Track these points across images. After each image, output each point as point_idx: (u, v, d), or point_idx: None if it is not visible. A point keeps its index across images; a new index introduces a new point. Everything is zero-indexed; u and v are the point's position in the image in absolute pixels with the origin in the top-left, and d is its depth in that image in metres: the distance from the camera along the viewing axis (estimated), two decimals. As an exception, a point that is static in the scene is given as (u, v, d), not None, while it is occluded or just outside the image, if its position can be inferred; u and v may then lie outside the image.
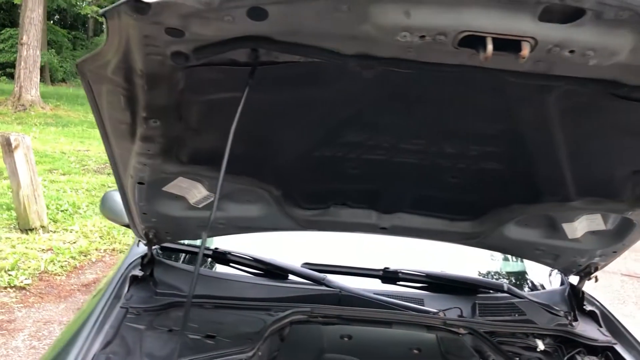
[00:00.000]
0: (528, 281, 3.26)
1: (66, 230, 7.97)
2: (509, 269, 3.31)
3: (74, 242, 7.49)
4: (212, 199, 2.32)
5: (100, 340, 2.19)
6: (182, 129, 1.83)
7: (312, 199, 2.38)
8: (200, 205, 2.35)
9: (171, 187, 2.25)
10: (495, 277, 3.20)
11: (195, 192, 2.29)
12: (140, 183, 2.12)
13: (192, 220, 2.49)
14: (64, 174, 11.56)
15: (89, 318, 2.33)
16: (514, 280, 3.24)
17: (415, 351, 2.35)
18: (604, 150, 1.97)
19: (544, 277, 3.16)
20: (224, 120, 1.60)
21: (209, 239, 2.98)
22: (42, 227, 7.75)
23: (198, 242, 3.04)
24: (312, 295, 2.65)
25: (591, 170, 2.05)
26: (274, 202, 2.32)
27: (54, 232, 7.84)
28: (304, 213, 2.44)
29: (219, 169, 1.58)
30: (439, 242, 2.68)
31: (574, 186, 2.14)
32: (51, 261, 6.71)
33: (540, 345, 2.65)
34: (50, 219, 8.16)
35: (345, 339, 2.39)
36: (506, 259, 3.27)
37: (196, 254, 2.91)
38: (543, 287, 3.13)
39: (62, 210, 8.71)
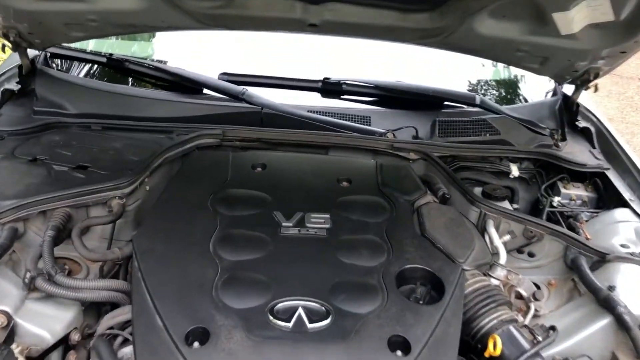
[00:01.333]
0: (510, 92, 2.65)
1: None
2: (486, 78, 2.66)
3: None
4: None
5: None
6: None
7: (203, -18, 1.70)
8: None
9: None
10: (466, 88, 2.57)
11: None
12: None
13: (53, 16, 1.87)
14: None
15: None
16: (491, 91, 2.62)
17: (344, 183, 1.85)
18: None
19: (531, 86, 2.55)
20: None
21: (104, 42, 2.37)
22: None
23: (96, 47, 2.44)
24: (228, 114, 2.10)
25: None
26: None
27: None
28: (200, 4, 1.78)
29: None
30: (391, 42, 2.03)
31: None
32: None
33: (514, 171, 2.15)
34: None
35: (258, 169, 1.89)
36: (482, 65, 2.61)
37: (92, 61, 2.32)
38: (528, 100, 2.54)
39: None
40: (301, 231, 1.61)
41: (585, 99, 2.37)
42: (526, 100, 2.57)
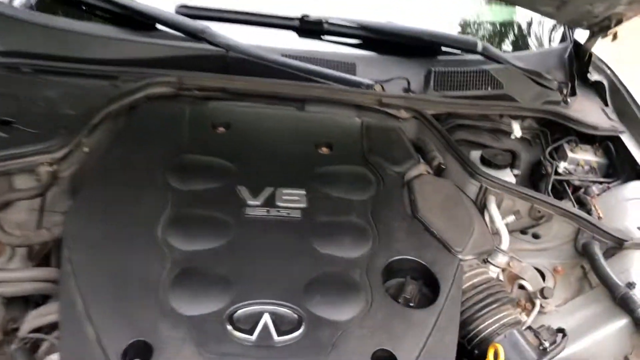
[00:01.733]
0: (513, 38, 2.33)
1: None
2: (488, 19, 2.33)
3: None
4: None
5: None
6: None
7: None
8: None
9: None
10: (466, 32, 2.24)
11: None
12: None
13: None
14: None
15: None
16: (493, 37, 2.30)
17: (323, 149, 1.56)
18: None
19: (537, 32, 2.24)
20: None
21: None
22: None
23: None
24: (186, 56, 1.77)
25: None
26: None
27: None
28: None
29: None
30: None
31: None
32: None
33: (517, 131, 1.88)
34: None
35: (220, 128, 1.58)
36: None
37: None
38: (534, 46, 2.23)
39: None
40: (270, 212, 1.33)
41: (597, 46, 2.07)
42: (527, 47, 2.26)
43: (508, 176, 1.69)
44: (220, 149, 1.49)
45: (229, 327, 1.10)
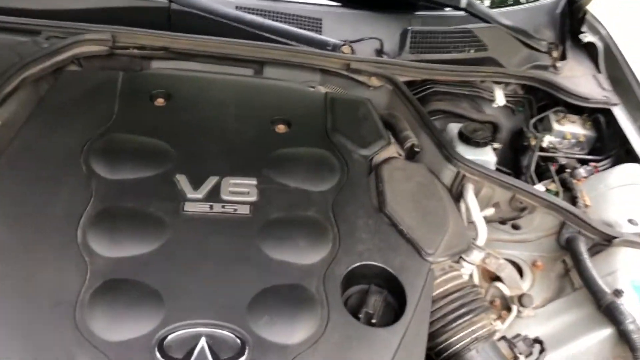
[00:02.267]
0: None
1: None
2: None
3: None
4: None
5: None
6: None
7: None
8: None
9: None
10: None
11: None
12: None
13: None
14: None
15: None
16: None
17: (280, 127, 1.35)
18: None
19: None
20: None
21: None
22: None
23: None
24: (122, 9, 1.51)
25: None
26: None
27: None
28: None
29: None
30: None
31: None
32: None
33: (499, 99, 1.70)
34: None
35: (159, 99, 1.35)
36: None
37: None
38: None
39: None
40: (214, 208, 1.14)
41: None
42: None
43: (488, 155, 1.52)
44: (158, 127, 1.27)
45: (158, 356, 0.93)
